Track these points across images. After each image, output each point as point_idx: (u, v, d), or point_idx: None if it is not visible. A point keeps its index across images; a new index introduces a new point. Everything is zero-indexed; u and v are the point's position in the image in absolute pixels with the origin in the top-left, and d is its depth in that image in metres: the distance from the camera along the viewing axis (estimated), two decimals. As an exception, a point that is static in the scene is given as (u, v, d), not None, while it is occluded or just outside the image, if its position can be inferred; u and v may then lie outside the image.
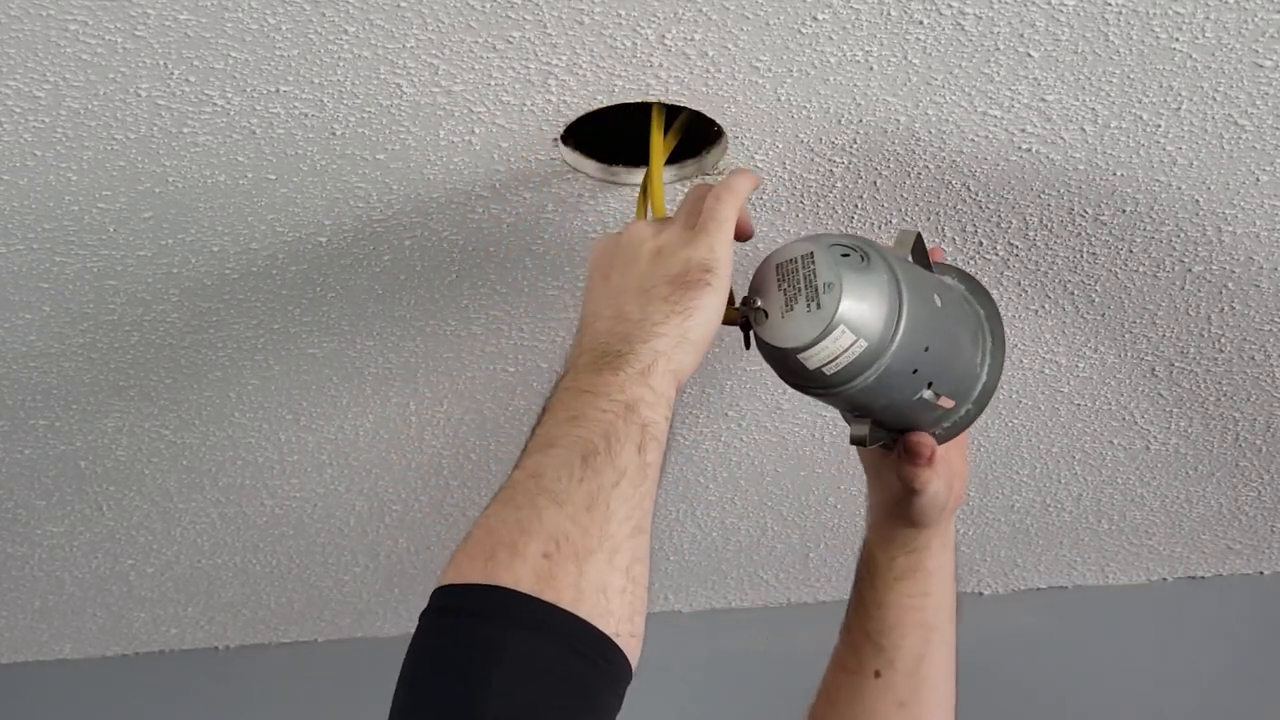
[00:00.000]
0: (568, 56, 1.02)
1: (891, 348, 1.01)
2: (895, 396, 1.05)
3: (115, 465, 1.59)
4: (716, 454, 1.61)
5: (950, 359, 1.08)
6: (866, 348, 1.01)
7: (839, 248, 1.02)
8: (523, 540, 0.87)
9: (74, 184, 1.14)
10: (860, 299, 1.00)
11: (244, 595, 1.93)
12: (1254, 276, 1.30)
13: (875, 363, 1.01)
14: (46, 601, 1.90)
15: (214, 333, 1.36)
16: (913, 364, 1.04)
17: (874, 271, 1.01)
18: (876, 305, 1.00)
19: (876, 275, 1.01)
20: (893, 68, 1.04)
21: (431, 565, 1.84)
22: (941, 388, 1.08)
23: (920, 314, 1.02)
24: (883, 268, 1.01)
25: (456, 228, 1.23)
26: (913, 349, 1.03)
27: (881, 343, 1.01)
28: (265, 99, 1.05)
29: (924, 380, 1.06)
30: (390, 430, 1.56)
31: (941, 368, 1.07)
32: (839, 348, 1.01)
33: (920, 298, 1.03)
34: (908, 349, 1.02)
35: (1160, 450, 1.60)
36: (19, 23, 0.96)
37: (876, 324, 1.01)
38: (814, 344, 1.01)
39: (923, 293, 1.04)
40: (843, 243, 1.02)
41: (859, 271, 1.01)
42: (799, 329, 1.01)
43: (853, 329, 1.00)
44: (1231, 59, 1.03)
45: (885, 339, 1.01)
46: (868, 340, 1.01)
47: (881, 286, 1.01)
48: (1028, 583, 1.93)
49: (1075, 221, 1.23)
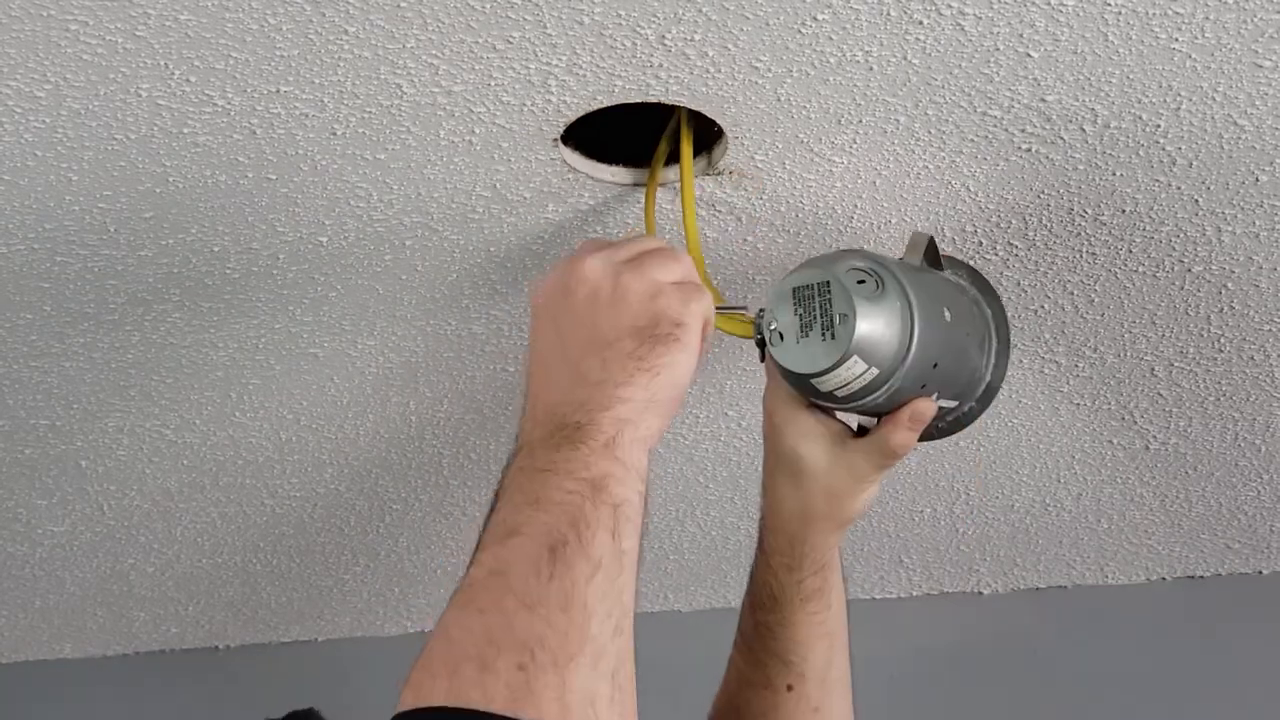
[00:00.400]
0: (568, 56, 1.02)
1: (902, 371, 1.04)
2: (901, 402, 1.08)
3: (116, 465, 1.59)
4: (716, 454, 1.61)
5: (957, 369, 1.11)
6: (878, 374, 1.03)
7: (855, 273, 1.03)
8: (490, 651, 0.76)
9: (75, 184, 1.14)
10: (873, 329, 1.02)
11: (244, 595, 1.93)
12: (1253, 276, 1.30)
13: (886, 385, 1.04)
14: (47, 601, 1.91)
15: (215, 332, 1.36)
16: (921, 380, 1.06)
17: (888, 299, 1.03)
18: (889, 334, 1.03)
19: (890, 303, 1.03)
20: (893, 68, 1.04)
21: (431, 565, 1.85)
22: (946, 393, 1.10)
23: (931, 334, 1.05)
24: (896, 294, 1.03)
25: (457, 228, 1.23)
26: (922, 368, 1.05)
27: (893, 368, 1.04)
28: (266, 99, 1.05)
29: (931, 391, 1.08)
30: (390, 430, 1.56)
31: (948, 378, 1.10)
32: (851, 375, 1.04)
33: (931, 317, 1.05)
34: (917, 369, 1.05)
35: (1160, 450, 1.60)
36: (20, 23, 0.96)
37: (888, 352, 1.03)
38: (827, 372, 1.03)
39: (934, 310, 1.06)
40: (859, 266, 1.04)
41: (873, 302, 1.03)
42: (813, 357, 1.03)
43: (865, 358, 1.03)
44: (1231, 59, 1.03)
45: (896, 364, 1.04)
46: (879, 368, 1.03)
47: (894, 315, 1.03)
48: (1027, 582, 1.93)
49: (1075, 221, 1.23)
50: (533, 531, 0.80)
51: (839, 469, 1.11)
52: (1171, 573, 1.91)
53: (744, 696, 1.17)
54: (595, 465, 0.84)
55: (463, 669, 0.76)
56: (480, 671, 0.75)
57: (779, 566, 1.14)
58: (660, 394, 0.89)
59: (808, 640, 1.15)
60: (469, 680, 0.75)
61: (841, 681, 1.18)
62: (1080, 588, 1.93)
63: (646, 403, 0.88)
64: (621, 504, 0.83)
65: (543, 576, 0.79)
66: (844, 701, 1.19)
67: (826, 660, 1.16)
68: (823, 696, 1.17)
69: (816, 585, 1.14)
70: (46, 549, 1.76)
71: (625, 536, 0.82)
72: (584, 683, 0.76)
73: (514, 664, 0.75)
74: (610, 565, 0.80)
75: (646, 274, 0.93)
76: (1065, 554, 1.85)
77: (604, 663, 0.78)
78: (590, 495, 0.82)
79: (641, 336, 0.90)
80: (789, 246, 1.26)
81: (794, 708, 1.16)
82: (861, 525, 1.77)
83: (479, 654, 0.76)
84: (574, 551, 0.79)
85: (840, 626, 1.17)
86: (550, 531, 0.80)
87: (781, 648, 1.15)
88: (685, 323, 0.92)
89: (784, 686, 1.16)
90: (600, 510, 0.82)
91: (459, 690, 0.75)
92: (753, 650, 1.17)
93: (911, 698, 1.95)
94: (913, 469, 1.64)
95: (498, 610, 0.78)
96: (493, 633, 0.77)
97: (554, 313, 0.93)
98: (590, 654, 0.77)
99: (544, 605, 0.78)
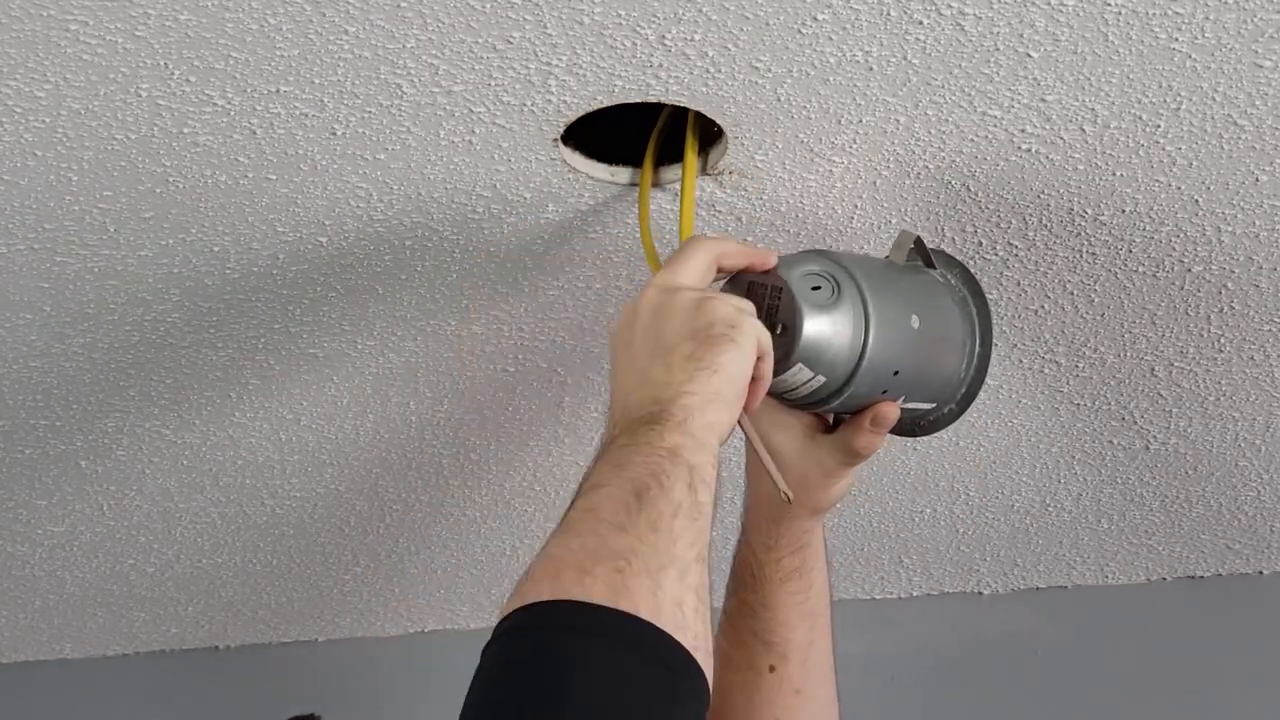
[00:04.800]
0: (568, 56, 1.02)
1: (854, 379, 1.03)
2: (862, 406, 1.07)
3: (116, 465, 1.59)
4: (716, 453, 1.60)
5: (925, 375, 1.09)
6: (825, 382, 1.03)
7: (812, 277, 1.02)
8: (589, 561, 0.83)
9: (75, 184, 1.14)
10: (820, 337, 1.01)
11: (244, 595, 1.93)
12: (1253, 276, 1.30)
13: (837, 392, 1.04)
14: (47, 601, 1.91)
15: (215, 332, 1.37)
16: (881, 386, 1.06)
17: (841, 307, 1.02)
18: (838, 343, 1.02)
19: (843, 312, 1.02)
20: (893, 68, 1.04)
21: (432, 565, 1.85)
22: (917, 396, 1.09)
23: (891, 343, 1.04)
24: (852, 301, 1.02)
25: (457, 228, 1.23)
26: (879, 375, 1.04)
27: (843, 376, 1.03)
28: (266, 99, 1.05)
29: (896, 396, 1.07)
30: (390, 430, 1.56)
31: (914, 384, 1.08)
32: (799, 381, 1.03)
33: (893, 324, 1.04)
34: (873, 377, 1.04)
35: (1160, 450, 1.60)
36: (20, 23, 0.96)
37: (837, 360, 1.02)
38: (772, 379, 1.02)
39: (898, 317, 1.04)
40: (816, 270, 1.03)
41: (824, 310, 1.01)
42: None
43: (811, 366, 1.02)
44: (1231, 59, 1.03)
45: (846, 373, 1.03)
46: (827, 376, 1.02)
47: (846, 323, 1.02)
48: (1027, 582, 1.94)
49: (1075, 221, 1.23)
50: (619, 483, 0.88)
51: (808, 461, 1.12)
52: (1171, 573, 1.91)
53: (726, 679, 1.18)
54: (670, 438, 0.91)
55: (564, 574, 0.83)
56: (580, 575, 0.83)
57: (757, 545, 1.16)
58: (723, 389, 0.95)
59: (789, 620, 1.16)
60: (570, 581, 0.83)
61: (824, 665, 1.19)
62: (1080, 588, 1.93)
63: (711, 397, 0.94)
64: (696, 466, 0.90)
65: (632, 510, 0.86)
66: (827, 686, 1.19)
67: (808, 641, 1.17)
68: (805, 678, 1.17)
69: (795, 565, 1.16)
70: (46, 549, 1.76)
71: (700, 491, 0.90)
72: (673, 589, 0.84)
73: (611, 569, 0.83)
74: (690, 509, 0.88)
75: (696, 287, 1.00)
76: (1065, 554, 1.85)
77: (689, 578, 0.85)
78: (669, 458, 0.90)
79: (698, 339, 0.96)
80: (789, 247, 1.26)
81: (776, 689, 1.17)
82: (861, 525, 1.77)
83: (578, 563, 0.84)
84: (657, 495, 0.87)
85: (823, 609, 1.18)
86: (635, 481, 0.88)
87: (763, 628, 1.16)
88: (737, 323, 0.97)
89: (766, 668, 1.17)
90: (678, 468, 0.89)
91: (561, 589, 0.82)
92: (736, 630, 1.18)
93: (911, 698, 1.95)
94: (913, 469, 1.64)
95: (593, 533, 0.86)
96: (589, 547, 0.85)
97: (627, 337, 1.00)
98: (678, 568, 0.85)
99: (635, 528, 0.85)
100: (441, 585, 1.91)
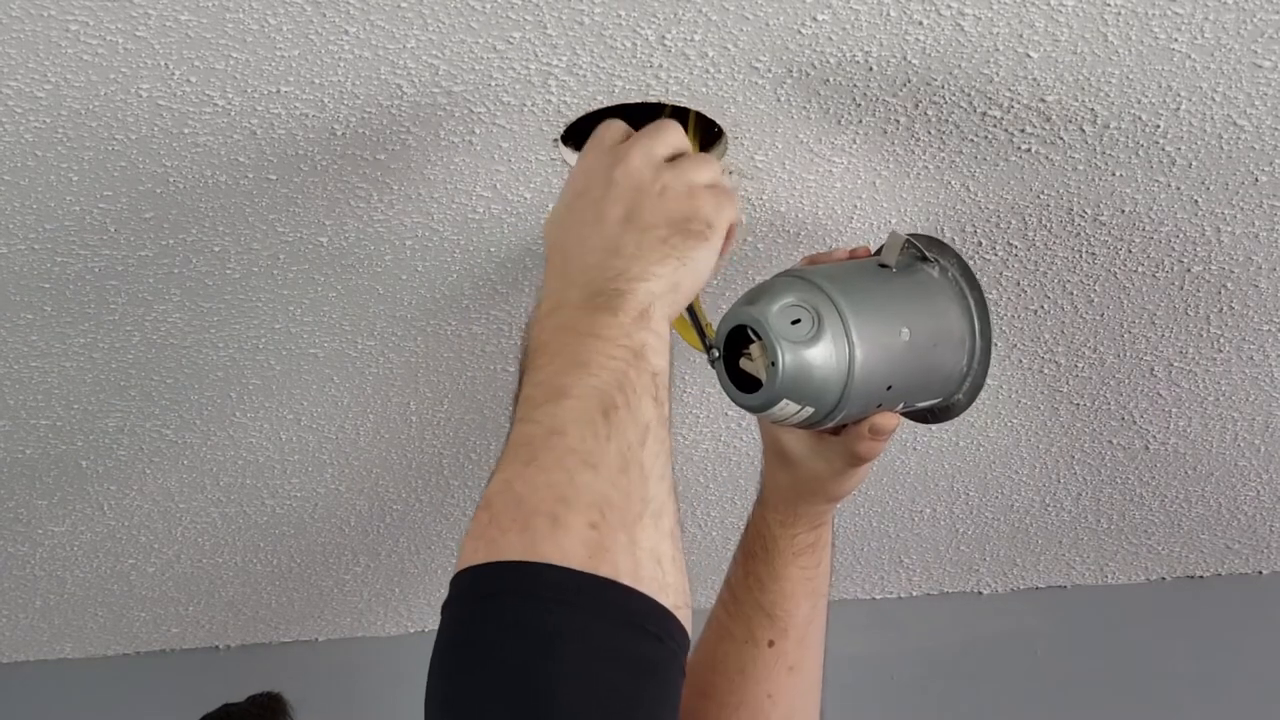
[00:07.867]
0: (568, 57, 1.02)
1: (842, 404, 1.03)
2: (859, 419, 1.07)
3: (116, 465, 1.59)
4: (716, 454, 1.61)
5: (923, 380, 1.09)
6: (814, 411, 1.03)
7: (791, 310, 1.02)
8: (561, 509, 0.80)
9: (75, 184, 1.14)
10: (801, 373, 1.01)
11: (244, 595, 1.93)
12: (1253, 276, 1.30)
13: (828, 416, 1.04)
14: (48, 601, 1.91)
15: (215, 333, 1.37)
16: (875, 401, 1.06)
17: (823, 340, 1.01)
18: (822, 374, 1.01)
19: (824, 344, 1.01)
20: (893, 68, 1.04)
21: (432, 565, 1.85)
22: (916, 399, 1.09)
23: (878, 361, 1.03)
24: (833, 330, 1.01)
25: (457, 228, 1.23)
26: (871, 393, 1.04)
27: (831, 403, 1.03)
28: (266, 99, 1.05)
29: (893, 405, 1.07)
30: (390, 430, 1.56)
31: (912, 391, 1.08)
32: (787, 413, 1.04)
33: (879, 342, 1.03)
34: (864, 395, 1.04)
35: (1160, 450, 1.60)
36: (20, 23, 0.96)
37: (823, 391, 1.02)
38: (760, 410, 1.03)
39: (887, 332, 1.04)
40: (794, 303, 1.02)
41: (805, 345, 1.01)
42: (746, 397, 1.03)
43: (797, 400, 1.02)
44: (1230, 59, 1.03)
45: (833, 400, 1.03)
46: (814, 406, 1.03)
47: (829, 355, 1.01)
48: (1027, 582, 1.94)
49: (1075, 221, 1.23)
50: (583, 394, 0.86)
51: (818, 460, 1.13)
52: (1171, 573, 1.91)
53: (722, 650, 1.18)
54: (634, 335, 0.90)
55: (535, 523, 0.80)
56: (553, 527, 0.79)
57: (774, 521, 1.17)
58: (684, 282, 0.96)
59: (795, 595, 1.17)
60: (543, 535, 0.79)
61: (818, 646, 1.20)
62: (1080, 588, 1.94)
63: (673, 285, 0.95)
64: (659, 372, 0.90)
65: (600, 437, 0.84)
66: (818, 668, 1.20)
67: (808, 619, 1.18)
68: (800, 655, 1.18)
69: (810, 541, 1.17)
70: (46, 549, 1.76)
71: (664, 402, 0.89)
72: (650, 541, 0.82)
73: (586, 522, 0.80)
74: (657, 429, 0.87)
75: (685, 174, 0.99)
76: (1065, 554, 1.86)
77: (664, 521, 0.84)
78: (633, 363, 0.89)
79: (675, 228, 0.96)
80: (789, 247, 1.26)
81: (771, 665, 1.18)
82: (861, 525, 1.77)
83: (550, 510, 0.80)
84: (624, 416, 0.85)
85: (825, 589, 1.19)
86: (601, 394, 0.86)
87: (769, 600, 1.17)
88: (715, 224, 0.98)
89: (765, 641, 1.17)
90: (643, 378, 0.88)
91: (534, 545, 0.79)
92: (739, 602, 1.19)
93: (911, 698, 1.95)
94: (913, 469, 1.64)
95: (561, 468, 0.82)
96: (559, 489, 0.81)
97: (595, 193, 0.99)
98: (651, 514, 0.83)
99: (605, 466, 0.83)
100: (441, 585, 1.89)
